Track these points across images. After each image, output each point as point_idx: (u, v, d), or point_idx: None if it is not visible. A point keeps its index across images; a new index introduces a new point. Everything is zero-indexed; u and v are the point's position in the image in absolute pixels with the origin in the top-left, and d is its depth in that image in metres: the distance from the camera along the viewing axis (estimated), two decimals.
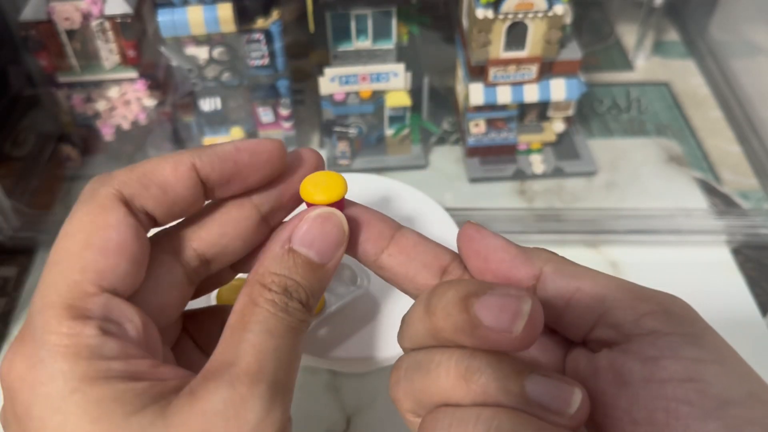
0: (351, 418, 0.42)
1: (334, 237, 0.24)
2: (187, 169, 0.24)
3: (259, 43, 0.50)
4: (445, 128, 0.61)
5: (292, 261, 0.23)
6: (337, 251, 0.24)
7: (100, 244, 0.22)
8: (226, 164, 0.24)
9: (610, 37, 0.71)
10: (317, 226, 0.24)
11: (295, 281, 0.23)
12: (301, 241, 0.24)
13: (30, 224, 0.52)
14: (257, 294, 0.23)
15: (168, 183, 0.23)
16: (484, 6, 0.48)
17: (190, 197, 0.24)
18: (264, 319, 0.22)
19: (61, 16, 0.48)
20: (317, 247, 0.24)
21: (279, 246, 0.24)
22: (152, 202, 0.23)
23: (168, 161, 0.24)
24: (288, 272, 0.23)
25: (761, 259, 0.51)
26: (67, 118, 0.54)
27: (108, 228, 0.22)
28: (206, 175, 0.24)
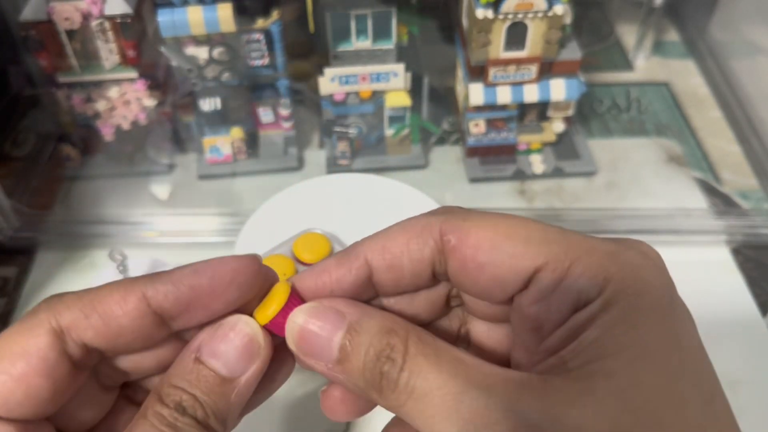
0: None
1: (244, 347, 0.22)
2: (136, 300, 0.21)
3: (259, 43, 0.50)
4: (445, 128, 0.61)
5: (195, 372, 0.21)
6: (249, 364, 0.22)
7: (5, 367, 0.21)
8: (181, 292, 0.22)
9: (610, 37, 0.71)
10: (223, 333, 0.22)
11: (193, 396, 0.21)
12: (208, 350, 0.22)
13: (30, 224, 0.52)
14: (149, 404, 0.21)
15: (112, 314, 0.21)
16: (484, 6, 0.48)
17: (138, 329, 0.22)
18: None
19: (61, 16, 0.48)
20: (224, 358, 0.21)
21: (188, 354, 0.22)
22: (91, 333, 0.21)
23: (118, 290, 0.22)
24: (187, 385, 0.21)
25: (761, 259, 0.51)
26: (67, 118, 0.54)
27: (21, 355, 0.21)
28: (158, 305, 0.22)
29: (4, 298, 0.49)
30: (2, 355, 0.21)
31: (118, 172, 0.57)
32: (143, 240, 0.52)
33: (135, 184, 0.56)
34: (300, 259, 0.36)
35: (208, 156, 0.56)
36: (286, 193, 0.46)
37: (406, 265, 0.22)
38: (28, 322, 0.21)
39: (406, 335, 0.21)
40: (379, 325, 0.21)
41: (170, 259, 0.49)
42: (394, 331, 0.21)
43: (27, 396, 0.21)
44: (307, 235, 0.38)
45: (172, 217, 0.53)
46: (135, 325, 0.22)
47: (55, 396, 0.21)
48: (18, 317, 0.48)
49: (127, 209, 0.54)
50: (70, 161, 0.57)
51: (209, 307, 0.22)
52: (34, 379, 0.21)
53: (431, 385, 0.19)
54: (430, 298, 0.24)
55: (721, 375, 0.21)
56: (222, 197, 0.56)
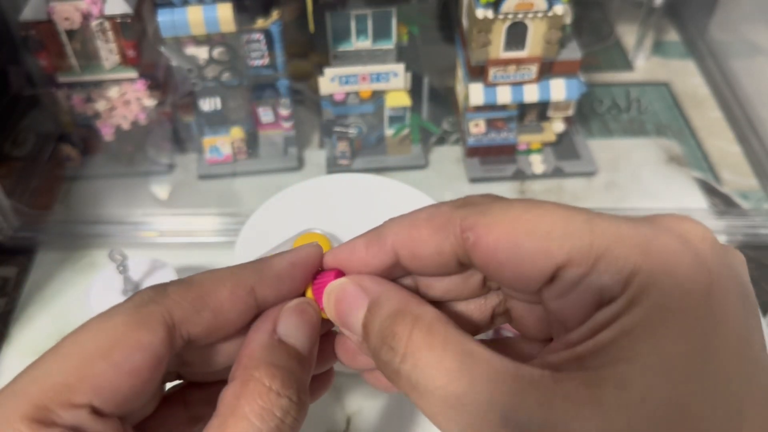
0: (351, 418, 0.42)
1: (314, 325, 0.23)
2: (245, 294, 0.22)
3: (259, 43, 0.50)
4: (445, 128, 0.61)
5: (285, 351, 0.22)
6: (316, 341, 0.23)
7: (118, 362, 0.20)
8: (284, 283, 0.23)
9: (610, 37, 0.71)
10: (298, 315, 0.23)
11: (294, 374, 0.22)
12: (287, 330, 0.22)
13: (30, 224, 0.52)
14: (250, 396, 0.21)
15: (222, 308, 0.22)
16: (484, 6, 0.48)
17: (240, 320, 0.23)
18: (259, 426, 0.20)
19: (61, 16, 0.48)
20: (301, 337, 0.23)
21: (267, 335, 0.22)
22: (200, 328, 0.22)
23: (227, 283, 0.22)
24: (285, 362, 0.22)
25: (761, 259, 0.51)
26: (67, 118, 0.54)
27: (137, 349, 0.20)
28: (264, 297, 0.23)
29: (4, 297, 0.49)
30: (113, 344, 0.20)
31: (118, 172, 0.57)
32: (143, 240, 0.52)
33: (135, 184, 0.56)
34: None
35: (208, 156, 0.56)
36: (286, 193, 0.46)
37: (430, 256, 0.22)
38: (139, 313, 0.21)
39: (413, 324, 0.20)
40: (390, 310, 0.21)
41: (170, 259, 0.49)
42: (401, 318, 0.20)
43: (135, 391, 0.20)
44: (306, 235, 0.38)
45: (172, 217, 0.53)
46: (240, 317, 0.22)
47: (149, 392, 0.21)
48: (18, 317, 0.48)
49: (127, 209, 0.54)
50: (70, 161, 0.57)
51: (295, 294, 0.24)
52: (146, 374, 0.20)
53: (434, 383, 0.19)
54: (465, 279, 0.23)
55: None
56: (222, 197, 0.56)
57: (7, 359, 0.46)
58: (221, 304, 0.22)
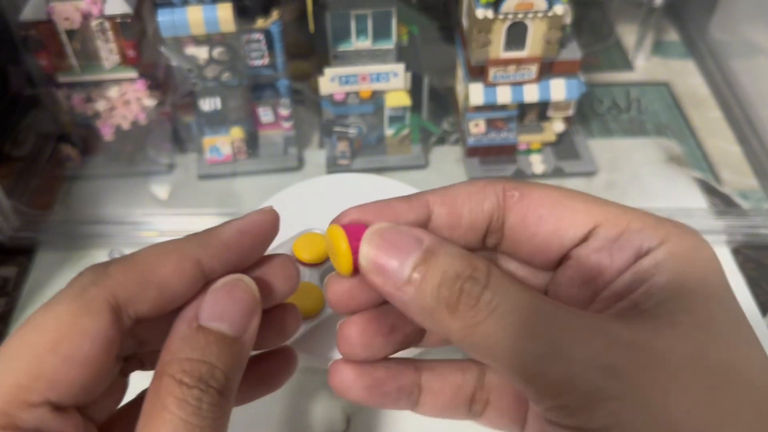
0: (351, 418, 0.42)
1: (246, 304, 0.21)
2: (191, 266, 0.21)
3: (259, 43, 0.50)
4: (445, 128, 0.61)
5: (203, 339, 0.20)
6: (251, 320, 0.21)
7: (68, 353, 0.19)
8: (232, 253, 0.22)
9: (610, 37, 0.71)
10: (225, 295, 0.21)
11: (210, 363, 0.20)
12: (210, 314, 0.21)
13: (30, 224, 0.52)
14: (165, 391, 0.19)
15: (168, 283, 0.21)
16: (484, 6, 0.48)
17: (188, 294, 0.22)
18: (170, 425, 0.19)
19: (61, 16, 0.48)
20: (230, 319, 0.21)
21: (186, 324, 0.21)
22: (147, 305, 0.21)
23: (170, 257, 0.21)
24: (201, 354, 0.20)
25: (761, 259, 0.51)
26: (67, 118, 0.54)
27: (84, 336, 0.19)
28: (211, 268, 0.22)
29: (4, 297, 0.49)
30: (60, 336, 0.19)
31: (118, 172, 0.57)
32: (143, 240, 0.52)
33: (135, 184, 0.56)
34: (300, 259, 0.36)
35: (208, 156, 0.56)
36: (286, 192, 0.46)
37: (466, 214, 0.22)
38: (81, 299, 0.20)
39: (488, 263, 0.20)
40: (461, 251, 0.21)
41: None
42: (475, 258, 0.20)
43: (90, 381, 0.20)
44: (307, 235, 0.38)
45: (172, 217, 0.53)
46: (187, 290, 0.21)
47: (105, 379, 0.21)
48: (18, 317, 0.48)
49: (127, 209, 0.54)
50: (70, 161, 0.57)
51: (246, 263, 0.23)
52: (98, 361, 0.20)
53: (519, 302, 0.19)
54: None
55: None
56: (222, 197, 0.56)
57: None
58: (166, 279, 0.21)
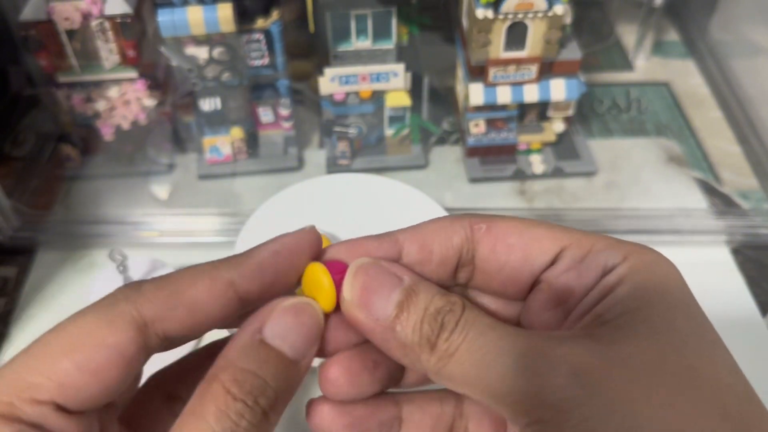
0: None
1: (310, 330, 0.22)
2: (223, 287, 0.21)
3: (259, 43, 0.50)
4: (445, 128, 0.61)
5: (263, 354, 0.20)
6: (312, 347, 0.22)
7: (82, 360, 0.20)
8: (266, 275, 0.22)
9: (610, 37, 0.71)
10: (292, 317, 0.21)
11: (264, 380, 0.20)
12: (274, 332, 0.21)
13: (30, 224, 0.52)
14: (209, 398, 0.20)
15: (199, 303, 0.21)
16: (484, 6, 0.48)
17: (222, 316, 0.21)
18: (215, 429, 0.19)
19: (61, 16, 0.48)
20: (291, 341, 0.21)
21: (249, 335, 0.21)
22: (176, 325, 0.21)
23: (203, 278, 0.21)
24: (257, 367, 0.20)
25: (761, 259, 0.51)
26: (67, 118, 0.54)
27: (101, 347, 0.20)
28: (245, 290, 0.21)
29: (4, 297, 0.49)
30: (79, 343, 0.20)
31: (118, 172, 0.57)
32: (143, 240, 0.52)
33: (135, 184, 0.56)
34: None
35: (208, 156, 0.56)
36: (286, 193, 0.46)
37: (436, 249, 0.23)
38: (109, 312, 0.20)
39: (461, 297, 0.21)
40: (437, 288, 0.22)
41: (170, 259, 0.49)
42: (449, 295, 0.21)
43: (101, 389, 0.20)
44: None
45: (172, 217, 0.53)
46: (220, 312, 0.21)
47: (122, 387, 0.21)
48: (18, 317, 0.48)
49: (127, 209, 0.54)
50: (70, 161, 0.57)
51: (287, 283, 0.23)
52: (112, 372, 0.20)
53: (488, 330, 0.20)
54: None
55: None
56: (222, 197, 0.56)
57: (8, 359, 0.46)
58: (197, 299, 0.21)
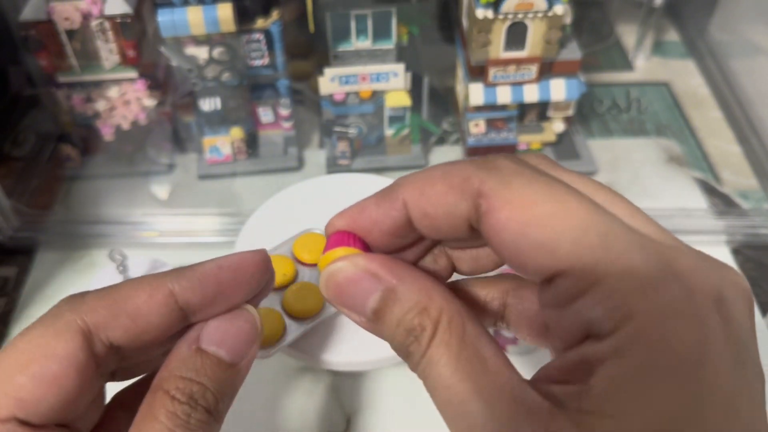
0: (351, 418, 0.42)
1: (246, 333, 0.23)
2: (163, 296, 0.22)
3: (259, 43, 0.50)
4: (445, 128, 0.61)
5: (200, 361, 0.22)
6: (249, 349, 0.23)
7: (36, 372, 0.20)
8: (207, 287, 0.22)
9: (610, 37, 0.71)
10: (227, 323, 0.22)
11: (203, 384, 0.21)
12: (210, 339, 0.22)
13: (30, 224, 0.52)
14: (158, 404, 0.21)
15: (140, 312, 0.22)
16: (484, 6, 0.48)
17: (164, 325, 0.22)
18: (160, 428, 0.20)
19: (61, 16, 0.48)
20: (228, 346, 0.22)
21: (186, 346, 0.22)
22: (120, 332, 0.22)
23: (144, 287, 0.22)
24: (195, 374, 0.21)
25: (761, 259, 0.51)
26: (67, 118, 0.54)
27: (53, 358, 0.21)
28: (185, 300, 0.22)
29: (4, 297, 0.49)
30: (31, 357, 0.20)
31: (118, 172, 0.57)
32: (143, 240, 0.52)
33: (135, 184, 0.56)
34: (300, 259, 0.36)
35: (208, 156, 0.56)
36: (286, 192, 0.46)
37: (442, 216, 0.21)
38: (55, 324, 0.21)
39: (438, 317, 0.20)
40: (415, 300, 0.20)
41: (170, 259, 0.49)
42: (426, 312, 0.20)
43: (59, 400, 0.21)
44: (307, 235, 0.38)
45: (172, 217, 0.53)
46: (162, 321, 0.22)
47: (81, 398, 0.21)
48: (18, 317, 0.48)
49: (127, 209, 0.54)
50: (70, 161, 0.57)
51: (230, 300, 0.23)
52: (67, 381, 0.21)
53: (443, 382, 0.19)
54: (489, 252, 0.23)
55: None
56: (222, 197, 0.56)
57: None
58: (138, 308, 0.22)
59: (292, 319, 0.33)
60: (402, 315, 0.20)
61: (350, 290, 0.21)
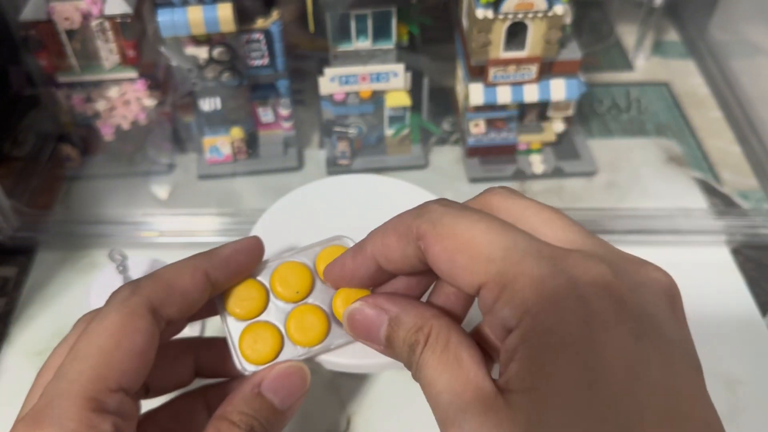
0: (351, 418, 0.42)
1: (297, 388, 0.28)
2: (201, 276, 0.28)
3: (259, 43, 0.50)
4: (445, 128, 0.61)
5: (258, 403, 0.27)
6: (297, 401, 0.28)
7: (129, 347, 0.25)
8: (230, 266, 0.29)
9: (610, 37, 0.71)
10: (285, 377, 0.28)
11: (259, 422, 0.26)
12: (269, 387, 0.27)
13: (30, 224, 0.52)
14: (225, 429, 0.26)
15: (187, 291, 0.27)
16: (484, 6, 0.48)
17: (202, 300, 0.28)
18: None
19: (61, 16, 0.48)
20: (281, 396, 0.27)
21: (250, 388, 0.27)
22: (174, 309, 0.27)
23: (186, 270, 0.28)
24: (253, 413, 0.26)
25: (761, 259, 0.51)
26: (67, 118, 0.54)
27: (137, 333, 0.25)
28: (215, 278, 0.28)
29: (5, 297, 0.49)
30: (121, 335, 0.25)
31: (118, 172, 0.57)
32: (143, 240, 0.52)
33: (135, 184, 0.57)
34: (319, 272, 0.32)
35: (208, 156, 0.56)
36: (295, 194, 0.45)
37: (399, 259, 0.26)
38: (127, 306, 0.25)
39: (429, 332, 0.24)
40: (413, 322, 0.25)
41: (170, 259, 0.49)
42: (421, 330, 0.25)
43: (146, 368, 0.25)
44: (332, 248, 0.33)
45: (172, 217, 0.53)
46: (200, 297, 0.28)
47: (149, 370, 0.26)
48: (18, 317, 0.48)
49: (127, 209, 0.54)
50: (70, 161, 0.57)
51: (242, 276, 0.30)
52: (149, 352, 0.25)
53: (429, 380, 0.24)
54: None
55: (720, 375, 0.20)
56: (222, 197, 0.56)
57: (8, 359, 0.46)
58: (186, 288, 0.27)
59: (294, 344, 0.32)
60: (405, 335, 0.25)
61: (366, 324, 0.26)
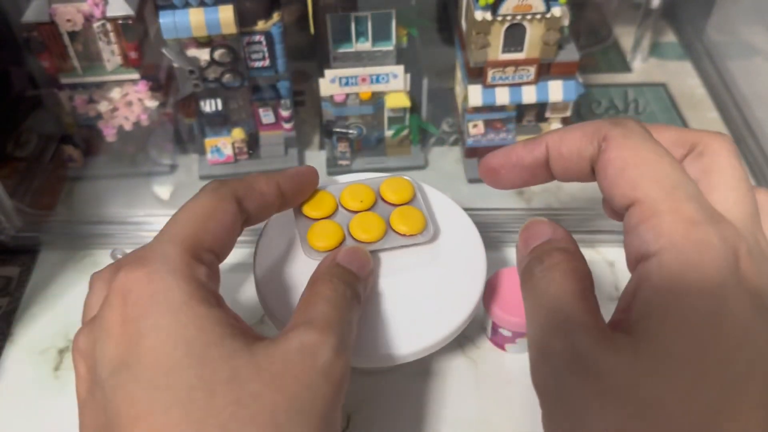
0: (351, 416, 0.42)
1: (366, 262, 0.34)
2: (275, 184, 0.34)
3: (260, 44, 0.51)
4: (444, 129, 0.61)
5: (339, 270, 0.32)
6: (363, 268, 0.34)
7: (220, 221, 0.30)
8: (296, 182, 0.36)
9: (608, 38, 0.72)
10: (353, 252, 0.34)
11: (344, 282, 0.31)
12: (343, 259, 0.34)
13: (32, 224, 0.53)
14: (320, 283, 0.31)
15: (264, 192, 0.33)
16: (482, 8, 0.48)
17: (276, 204, 0.34)
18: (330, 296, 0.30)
19: (63, 18, 0.48)
20: (356, 266, 0.33)
21: (330, 260, 0.33)
22: (254, 204, 0.32)
23: (262, 177, 0.34)
24: (338, 274, 0.32)
25: None
26: (70, 119, 0.54)
27: (227, 213, 0.30)
28: (285, 189, 0.35)
29: (7, 297, 0.49)
30: (213, 212, 0.30)
31: (120, 173, 0.57)
32: (145, 240, 0.52)
33: (137, 184, 0.57)
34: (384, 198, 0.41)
35: (210, 157, 0.57)
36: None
37: (573, 157, 0.27)
38: (217, 194, 0.31)
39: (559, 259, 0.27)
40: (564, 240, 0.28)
41: None
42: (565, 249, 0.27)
43: (231, 241, 0.31)
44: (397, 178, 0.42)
45: None
46: (275, 201, 0.34)
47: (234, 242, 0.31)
48: (21, 316, 0.48)
49: (129, 209, 0.54)
50: (73, 162, 0.57)
51: (303, 195, 0.38)
52: (235, 229, 0.31)
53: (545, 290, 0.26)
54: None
55: None
56: None
57: (11, 357, 0.46)
58: (263, 189, 0.33)
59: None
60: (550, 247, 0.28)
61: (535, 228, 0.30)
